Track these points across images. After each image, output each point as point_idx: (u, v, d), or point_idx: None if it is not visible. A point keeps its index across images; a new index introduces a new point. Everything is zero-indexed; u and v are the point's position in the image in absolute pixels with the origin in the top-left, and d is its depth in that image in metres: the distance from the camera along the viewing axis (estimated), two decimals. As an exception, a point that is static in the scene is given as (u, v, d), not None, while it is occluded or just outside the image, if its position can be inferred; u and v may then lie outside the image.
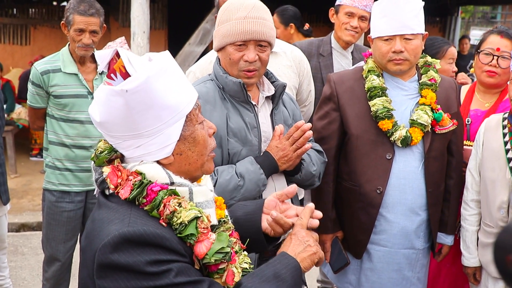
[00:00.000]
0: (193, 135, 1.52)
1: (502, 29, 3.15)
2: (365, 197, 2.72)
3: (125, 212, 1.43)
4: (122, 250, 1.35)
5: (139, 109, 1.40)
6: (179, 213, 1.43)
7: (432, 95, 2.71)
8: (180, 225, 1.43)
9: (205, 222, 1.46)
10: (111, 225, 1.40)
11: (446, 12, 12.58)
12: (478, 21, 24.24)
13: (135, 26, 6.92)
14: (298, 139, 2.38)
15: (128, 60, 1.42)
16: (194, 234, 1.43)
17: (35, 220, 6.45)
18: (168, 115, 1.45)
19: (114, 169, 1.47)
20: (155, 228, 1.39)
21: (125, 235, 1.35)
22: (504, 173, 2.66)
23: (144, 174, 1.45)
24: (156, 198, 1.43)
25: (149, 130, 1.44)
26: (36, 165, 8.46)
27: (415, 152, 2.72)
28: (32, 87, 3.63)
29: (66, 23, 3.57)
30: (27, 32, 10.28)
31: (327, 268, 3.01)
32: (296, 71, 3.40)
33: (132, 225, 1.38)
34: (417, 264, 2.82)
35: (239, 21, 2.28)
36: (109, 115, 1.42)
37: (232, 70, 2.37)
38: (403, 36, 2.63)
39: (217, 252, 1.46)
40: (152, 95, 1.40)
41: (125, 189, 1.44)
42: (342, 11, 3.70)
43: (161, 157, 1.48)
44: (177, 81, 1.48)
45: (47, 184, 3.72)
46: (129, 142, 1.46)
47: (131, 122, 1.42)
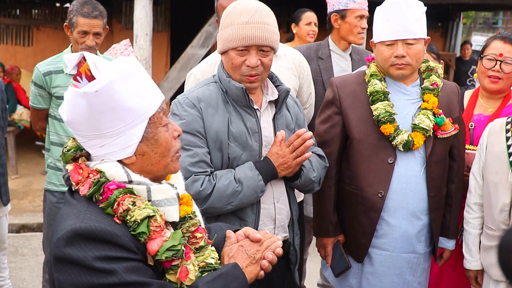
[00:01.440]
0: (155, 137, 1.58)
1: (505, 35, 3.15)
2: (367, 201, 2.72)
3: (81, 208, 1.51)
4: (74, 244, 1.42)
5: (101, 111, 1.48)
6: (133, 211, 1.50)
7: (434, 99, 2.71)
8: (134, 223, 1.49)
9: (158, 221, 1.52)
10: (67, 220, 1.48)
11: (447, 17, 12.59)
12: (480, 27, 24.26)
13: (137, 28, 6.93)
14: (299, 147, 2.38)
15: (93, 64, 1.49)
16: (145, 232, 1.50)
17: (36, 221, 6.45)
18: (131, 117, 1.52)
19: (76, 167, 1.56)
20: (107, 225, 1.46)
21: (77, 230, 1.43)
22: (506, 176, 2.67)
23: (103, 172, 1.53)
24: (111, 196, 1.50)
25: (112, 131, 1.51)
26: (37, 166, 8.47)
27: (417, 156, 2.72)
28: (35, 88, 3.63)
29: (69, 25, 3.57)
30: (30, 33, 10.29)
31: (328, 272, 3.01)
32: (296, 73, 3.41)
33: (86, 221, 1.45)
34: (418, 268, 2.82)
35: (241, 26, 2.28)
36: (74, 115, 1.51)
37: (235, 75, 2.37)
38: (405, 40, 2.63)
39: (168, 249, 1.51)
40: (114, 98, 1.47)
41: (85, 186, 1.52)
42: (351, 15, 3.69)
43: (123, 156, 1.55)
44: (141, 85, 1.54)
45: (48, 185, 3.72)
46: (93, 141, 1.54)
47: (94, 122, 1.50)
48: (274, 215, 2.49)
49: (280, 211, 2.51)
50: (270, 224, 2.48)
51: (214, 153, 2.37)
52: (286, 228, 2.55)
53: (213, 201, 2.32)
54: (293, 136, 2.39)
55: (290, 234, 2.58)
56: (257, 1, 2.38)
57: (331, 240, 2.89)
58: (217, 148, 2.36)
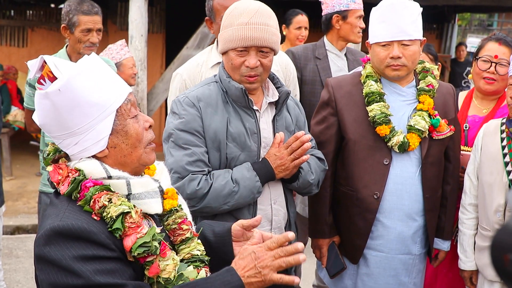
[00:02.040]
0: (124, 128, 1.61)
1: (500, 36, 3.16)
2: (362, 202, 2.72)
3: (61, 207, 1.54)
4: (53, 243, 1.46)
5: (66, 109, 1.51)
6: (109, 208, 1.52)
7: (429, 101, 2.71)
8: (110, 219, 1.52)
9: (133, 217, 1.54)
10: (48, 220, 1.52)
11: (443, 19, 12.62)
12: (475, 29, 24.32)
13: (133, 29, 6.92)
14: (297, 149, 2.38)
15: (54, 65, 1.52)
16: (120, 228, 1.52)
17: (30, 223, 6.43)
18: (96, 111, 1.55)
19: (56, 167, 1.59)
20: (84, 223, 1.49)
21: (55, 228, 1.47)
22: (501, 176, 2.68)
23: (82, 170, 1.56)
24: (86, 194, 1.53)
25: (81, 127, 1.55)
26: (31, 168, 8.44)
27: (412, 157, 2.72)
28: (29, 88, 3.61)
29: (68, 25, 3.54)
30: (25, 34, 10.25)
31: (323, 273, 3.00)
32: (283, 75, 3.42)
33: (64, 220, 1.49)
34: (413, 269, 2.82)
35: (240, 27, 2.28)
36: (44, 117, 1.55)
37: (234, 75, 2.37)
38: (401, 42, 2.63)
39: (140, 245, 1.53)
40: (76, 94, 1.51)
41: (64, 185, 1.56)
42: (352, 16, 3.73)
43: (97, 151, 1.58)
44: (103, 79, 1.58)
45: (43, 186, 3.70)
46: (67, 140, 1.57)
47: (62, 121, 1.53)
48: (270, 216, 2.49)
49: (277, 213, 2.51)
50: (266, 225, 2.48)
51: (212, 152, 2.37)
52: (282, 230, 2.55)
53: (209, 200, 2.32)
54: (292, 138, 2.39)
55: None
56: (258, 1, 2.38)
57: (327, 241, 2.89)
58: (215, 148, 2.36)
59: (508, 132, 2.72)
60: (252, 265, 1.59)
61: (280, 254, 1.61)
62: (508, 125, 2.73)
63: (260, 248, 1.62)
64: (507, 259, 0.81)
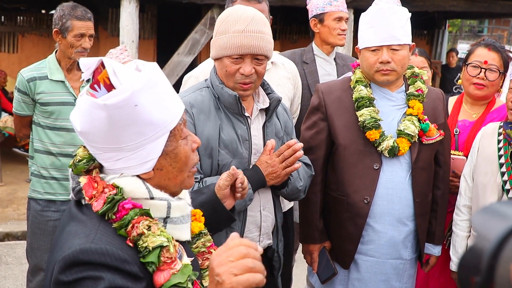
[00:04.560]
0: (175, 150, 1.47)
1: (490, 42, 3.18)
2: (353, 207, 2.72)
3: (92, 227, 1.38)
4: (80, 266, 1.31)
5: (122, 124, 1.36)
6: (146, 237, 1.38)
7: (419, 105, 2.72)
8: (145, 249, 1.38)
9: (170, 251, 1.40)
10: (76, 239, 1.35)
11: (433, 25, 12.71)
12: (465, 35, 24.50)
13: (124, 35, 6.92)
14: (289, 157, 2.37)
15: (113, 71, 1.36)
16: (155, 262, 1.38)
17: (20, 230, 6.38)
18: (152, 130, 1.40)
19: (91, 180, 1.43)
20: (119, 249, 1.34)
21: (85, 250, 1.31)
22: (495, 177, 2.70)
23: (121, 188, 1.40)
24: (125, 216, 1.38)
25: (131, 145, 1.39)
26: (21, 174, 8.39)
27: (402, 162, 2.72)
28: (18, 94, 3.60)
29: (61, 30, 3.54)
30: (15, 40, 10.23)
31: (314, 279, 3.00)
32: (293, 83, 3.46)
33: (96, 242, 1.33)
34: (404, 274, 2.82)
35: (236, 34, 2.25)
36: (90, 126, 1.38)
37: (228, 82, 2.35)
38: (390, 46, 2.63)
39: (173, 285, 1.38)
40: (136, 111, 1.35)
41: (99, 201, 1.40)
42: (329, 18, 3.76)
43: (141, 172, 1.44)
44: (164, 95, 1.43)
45: (33, 193, 3.68)
46: (109, 154, 1.41)
47: (112, 135, 1.37)
48: (259, 222, 2.49)
49: (266, 219, 2.51)
50: (255, 231, 2.48)
51: (204, 159, 2.35)
52: (270, 235, 2.55)
53: None
54: (284, 146, 2.38)
55: (274, 241, 2.58)
56: (252, 8, 2.37)
57: (317, 246, 2.88)
58: (207, 155, 2.35)
59: (504, 134, 2.74)
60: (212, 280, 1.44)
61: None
62: (505, 128, 2.75)
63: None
64: (473, 281, 0.82)
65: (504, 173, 2.68)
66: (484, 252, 0.80)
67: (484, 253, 0.80)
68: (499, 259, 0.78)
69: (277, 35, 10.92)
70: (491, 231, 0.80)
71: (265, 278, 1.29)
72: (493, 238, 0.79)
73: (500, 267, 0.78)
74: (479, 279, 0.79)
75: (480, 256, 0.80)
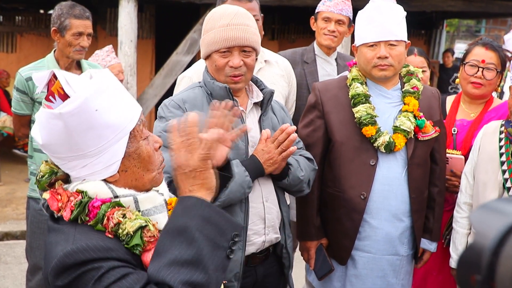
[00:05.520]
0: (137, 151, 1.51)
1: (487, 41, 3.19)
2: (349, 202, 2.74)
3: (69, 232, 1.43)
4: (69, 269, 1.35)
5: (80, 130, 1.39)
6: (124, 224, 1.42)
7: (414, 102, 2.75)
8: (126, 236, 1.42)
9: (151, 231, 1.45)
10: (57, 247, 1.40)
11: (431, 25, 12.71)
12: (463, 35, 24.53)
13: (122, 35, 6.92)
14: (283, 141, 2.40)
15: (65, 81, 1.40)
16: (140, 244, 1.43)
17: (19, 229, 6.38)
18: (111, 133, 1.43)
19: (53, 194, 1.47)
20: (100, 241, 1.39)
21: (69, 253, 1.36)
22: (496, 175, 2.71)
23: (85, 192, 1.45)
24: (99, 212, 1.43)
25: (93, 150, 1.43)
26: (20, 174, 8.38)
27: (398, 158, 2.75)
28: (17, 93, 3.60)
29: (59, 28, 3.55)
30: (13, 39, 10.22)
31: (312, 277, 3.01)
32: (287, 80, 3.49)
33: (76, 242, 1.38)
34: (401, 270, 2.83)
35: (222, 28, 2.33)
36: (51, 137, 1.41)
37: (219, 77, 2.41)
38: (388, 42, 2.67)
39: None
40: (91, 116, 1.39)
41: (67, 210, 1.44)
42: (319, 17, 3.80)
43: (107, 175, 1.47)
44: (119, 98, 1.47)
45: (32, 192, 3.68)
46: (74, 162, 1.45)
47: (73, 143, 1.41)
48: (263, 214, 2.50)
49: (270, 211, 2.52)
50: (260, 223, 2.49)
51: None
52: (277, 229, 2.56)
53: None
54: (278, 131, 2.42)
55: (282, 237, 2.59)
56: (237, 6, 2.46)
57: (315, 243, 2.90)
58: None
59: (506, 132, 2.75)
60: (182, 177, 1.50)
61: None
62: (506, 126, 2.76)
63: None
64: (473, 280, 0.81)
65: (505, 171, 2.70)
66: (484, 250, 0.79)
67: (484, 251, 0.79)
68: (499, 257, 0.77)
69: (275, 35, 10.92)
70: (490, 228, 0.80)
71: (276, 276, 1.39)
72: (493, 235, 0.78)
73: (501, 265, 0.77)
74: (480, 278, 0.79)
75: (480, 254, 0.80)
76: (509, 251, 0.77)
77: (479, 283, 0.79)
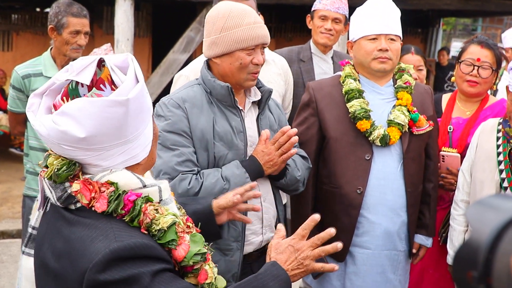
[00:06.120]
0: (155, 130, 1.56)
1: (482, 39, 3.19)
2: (346, 198, 2.74)
3: (105, 227, 1.39)
4: (115, 266, 1.32)
5: (135, 115, 1.39)
6: (158, 219, 1.43)
7: (407, 96, 2.78)
8: (159, 231, 1.42)
9: (181, 226, 1.47)
10: (96, 243, 1.35)
11: (427, 23, 12.74)
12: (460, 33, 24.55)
13: (119, 33, 6.91)
14: (284, 144, 2.40)
15: (111, 69, 1.40)
16: (175, 239, 1.44)
17: (15, 228, 6.37)
18: (148, 115, 1.47)
19: (85, 184, 1.41)
20: (141, 238, 1.38)
21: (116, 250, 1.33)
22: (493, 174, 2.72)
23: (116, 183, 1.42)
24: (134, 208, 1.41)
25: (135, 134, 1.43)
26: (16, 172, 8.37)
27: (393, 153, 2.76)
28: (13, 91, 3.60)
29: (56, 26, 3.54)
30: (10, 38, 10.20)
31: (310, 278, 2.99)
32: (284, 79, 3.50)
33: (119, 239, 1.35)
34: (399, 266, 2.84)
35: (249, 26, 2.33)
36: (101, 127, 1.34)
37: (241, 74, 2.37)
38: (388, 35, 2.71)
39: (195, 254, 1.47)
40: (145, 99, 1.43)
41: (101, 201, 1.40)
42: (316, 16, 3.80)
43: (142, 157, 1.48)
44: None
45: (28, 190, 3.68)
46: (112, 151, 1.41)
47: (124, 129, 1.38)
48: (261, 214, 2.50)
49: (267, 211, 2.52)
50: (257, 223, 2.49)
51: (200, 152, 2.38)
52: (273, 228, 2.56)
53: None
54: (278, 133, 2.41)
55: None
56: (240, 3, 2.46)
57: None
58: (203, 148, 2.37)
59: (503, 132, 2.76)
60: (293, 257, 1.66)
61: (317, 243, 1.69)
62: (504, 125, 2.77)
63: (294, 239, 1.70)
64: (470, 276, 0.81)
65: (502, 171, 2.70)
66: (480, 246, 0.79)
67: (481, 247, 0.79)
68: (496, 253, 0.77)
69: (272, 33, 10.91)
70: (486, 225, 0.80)
71: None
72: (489, 231, 0.78)
73: (497, 261, 0.77)
74: (476, 274, 0.79)
75: (476, 250, 0.80)
76: (505, 247, 0.77)
77: (476, 279, 0.79)
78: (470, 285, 0.80)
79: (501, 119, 2.83)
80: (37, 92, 1.45)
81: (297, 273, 1.65)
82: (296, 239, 1.70)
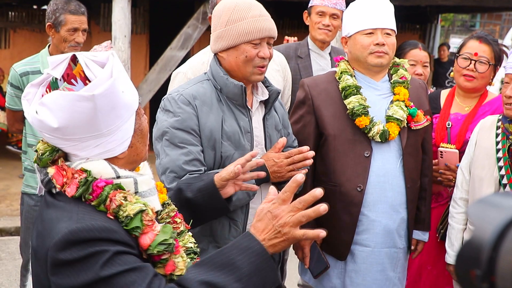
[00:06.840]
0: (140, 127, 1.59)
1: (481, 35, 3.20)
2: (346, 196, 2.73)
3: (72, 210, 1.46)
4: (75, 246, 1.38)
5: (105, 111, 1.44)
6: (125, 206, 1.47)
7: (405, 91, 2.77)
8: (126, 218, 1.47)
9: (149, 215, 1.51)
10: (60, 223, 1.43)
11: (426, 19, 12.72)
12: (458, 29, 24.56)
13: (116, 30, 6.90)
14: (297, 162, 2.39)
15: (85, 64, 1.46)
16: (139, 226, 1.48)
17: (13, 225, 6.37)
18: (126, 112, 1.51)
19: (59, 169, 1.51)
20: (103, 222, 1.43)
21: (75, 231, 1.39)
22: (492, 171, 2.72)
23: (89, 171, 1.49)
24: (102, 193, 1.47)
25: (110, 129, 1.48)
26: (14, 170, 8.36)
27: (392, 149, 2.75)
28: (11, 88, 3.59)
29: (54, 24, 3.53)
30: (7, 35, 10.17)
31: (308, 276, 2.97)
32: (282, 75, 3.48)
33: (80, 221, 1.41)
34: (398, 263, 2.83)
35: (255, 19, 2.31)
36: (71, 120, 1.42)
37: (246, 68, 2.35)
38: (384, 30, 2.70)
39: (160, 243, 1.50)
40: (117, 96, 1.46)
41: (71, 187, 1.48)
42: (313, 12, 3.79)
43: (120, 152, 1.53)
44: (127, 78, 1.55)
45: (26, 187, 3.67)
46: (87, 142, 1.49)
47: (95, 123, 1.45)
48: None
49: None
50: None
51: (207, 151, 2.35)
52: None
53: None
54: (295, 150, 2.40)
55: None
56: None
57: (308, 241, 2.87)
58: (210, 147, 2.35)
59: (503, 128, 2.75)
60: (270, 225, 1.49)
61: (298, 206, 1.49)
62: (503, 122, 2.76)
63: (274, 204, 1.51)
64: (473, 274, 0.80)
65: (502, 168, 2.70)
66: (483, 244, 0.78)
67: (484, 246, 0.78)
68: (499, 251, 0.77)
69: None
70: (489, 223, 0.79)
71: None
72: (492, 230, 0.78)
73: (500, 259, 0.77)
74: (480, 272, 0.78)
75: (479, 249, 0.79)
76: (508, 245, 0.77)
77: (479, 278, 0.79)
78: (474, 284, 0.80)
79: (501, 115, 2.83)
80: (34, 83, 1.51)
81: (276, 243, 1.48)
82: (276, 203, 1.51)
